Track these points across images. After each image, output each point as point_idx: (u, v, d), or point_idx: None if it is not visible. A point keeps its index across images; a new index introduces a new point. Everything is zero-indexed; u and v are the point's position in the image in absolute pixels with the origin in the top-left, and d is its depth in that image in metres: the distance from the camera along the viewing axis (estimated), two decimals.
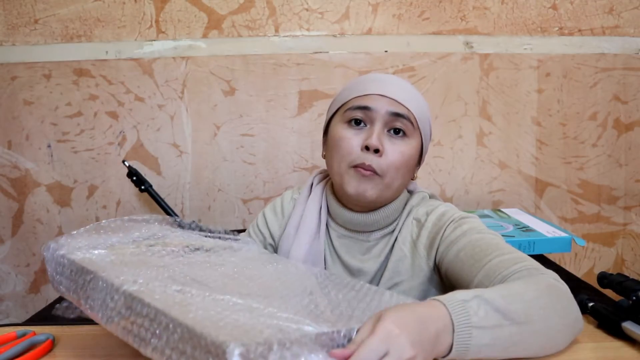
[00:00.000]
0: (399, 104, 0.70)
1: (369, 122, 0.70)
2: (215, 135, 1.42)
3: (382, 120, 0.70)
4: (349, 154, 0.70)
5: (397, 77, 0.77)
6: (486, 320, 0.49)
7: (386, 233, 0.76)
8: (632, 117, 1.43)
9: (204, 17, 1.37)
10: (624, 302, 0.57)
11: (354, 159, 0.69)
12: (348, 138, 0.70)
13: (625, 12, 1.39)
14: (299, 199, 0.84)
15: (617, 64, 1.41)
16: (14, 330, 0.58)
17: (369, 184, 0.69)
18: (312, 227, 0.78)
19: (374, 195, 0.70)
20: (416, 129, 0.72)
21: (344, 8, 1.38)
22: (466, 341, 0.48)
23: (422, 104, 0.75)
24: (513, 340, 0.50)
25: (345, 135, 0.71)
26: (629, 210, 1.46)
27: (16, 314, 1.47)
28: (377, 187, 0.70)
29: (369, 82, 0.73)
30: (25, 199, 1.43)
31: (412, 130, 0.71)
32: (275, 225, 0.84)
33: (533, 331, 0.51)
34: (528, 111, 1.42)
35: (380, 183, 0.70)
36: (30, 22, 1.37)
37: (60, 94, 1.39)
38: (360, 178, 0.69)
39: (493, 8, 1.38)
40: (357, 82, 0.76)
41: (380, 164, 0.69)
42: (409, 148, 0.71)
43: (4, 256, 1.45)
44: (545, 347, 0.53)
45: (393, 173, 0.70)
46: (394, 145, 0.70)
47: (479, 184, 1.44)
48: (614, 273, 0.64)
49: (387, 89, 0.71)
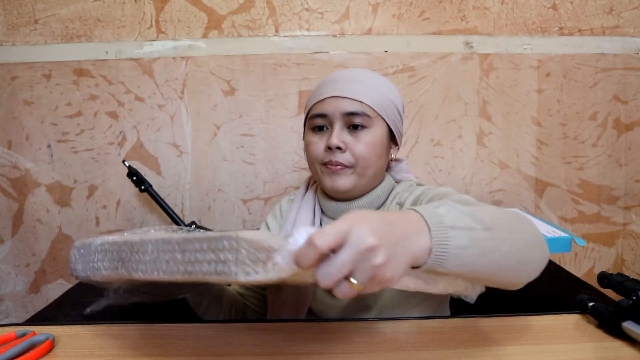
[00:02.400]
0: (353, 101, 0.75)
1: (329, 125, 0.78)
2: (215, 135, 1.42)
3: (340, 121, 0.76)
4: (318, 155, 0.78)
5: (357, 70, 0.82)
6: (458, 221, 0.47)
7: None
8: (632, 117, 1.43)
9: (204, 17, 1.37)
10: (624, 302, 0.57)
11: (321, 159, 0.77)
12: (314, 142, 0.78)
13: (625, 12, 1.39)
14: (295, 199, 0.89)
15: (617, 64, 1.41)
16: (14, 330, 0.58)
17: (341, 177, 0.76)
18: (308, 218, 0.84)
19: (348, 185, 0.76)
20: (377, 117, 0.77)
21: (344, 8, 1.38)
22: (444, 242, 0.45)
23: (382, 90, 0.79)
24: (489, 245, 0.48)
25: (312, 140, 0.79)
26: (629, 210, 1.46)
27: (16, 314, 1.47)
28: (350, 177, 0.76)
29: (325, 86, 0.79)
30: (25, 199, 1.43)
31: (371, 121, 0.76)
32: (275, 228, 0.90)
33: (503, 238, 0.50)
34: (528, 111, 1.42)
35: (353, 173, 0.76)
36: (30, 22, 1.37)
37: (60, 94, 1.39)
38: (331, 174, 0.76)
39: (493, 8, 1.38)
40: (317, 87, 0.82)
41: (347, 158, 0.75)
42: (372, 136, 0.76)
43: (4, 256, 1.45)
44: (521, 261, 0.51)
45: (363, 162, 0.76)
46: (355, 138, 0.76)
47: (479, 184, 1.44)
48: (614, 273, 0.64)
49: (340, 88, 0.77)
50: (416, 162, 1.41)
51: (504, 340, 0.55)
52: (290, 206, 0.89)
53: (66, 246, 1.44)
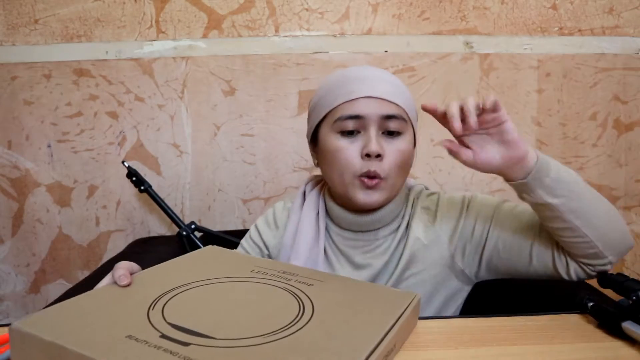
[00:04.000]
0: (389, 103, 0.69)
1: (362, 128, 0.69)
2: (215, 135, 1.42)
3: (376, 124, 0.68)
4: (351, 164, 0.68)
5: (379, 69, 0.74)
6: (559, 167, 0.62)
7: (393, 229, 0.76)
8: (632, 117, 1.43)
9: (204, 17, 1.37)
10: (624, 302, 0.57)
11: (357, 169, 0.68)
12: (345, 148, 0.68)
13: (625, 12, 1.39)
14: (292, 207, 0.82)
15: (617, 64, 1.41)
16: None
17: (376, 192, 0.69)
18: (310, 234, 0.77)
19: (381, 199, 0.70)
20: (409, 122, 0.72)
21: (344, 8, 1.38)
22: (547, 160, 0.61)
23: (408, 94, 0.74)
24: (583, 186, 0.62)
25: (342, 145, 0.69)
26: (629, 210, 1.46)
27: (16, 314, 1.47)
28: (384, 191, 0.69)
29: (352, 83, 0.70)
30: (25, 199, 1.43)
31: (405, 126, 0.71)
32: (269, 236, 0.82)
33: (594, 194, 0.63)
34: (528, 111, 1.42)
35: (386, 186, 0.69)
36: (30, 22, 1.37)
37: (60, 94, 1.39)
38: (366, 189, 0.68)
39: (493, 8, 1.38)
40: (340, 83, 0.71)
41: (384, 168, 0.68)
42: (406, 144, 0.71)
43: (4, 256, 1.45)
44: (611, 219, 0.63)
45: (396, 173, 0.70)
46: (391, 145, 0.69)
47: (479, 184, 1.44)
48: (614, 273, 0.64)
49: (373, 87, 0.69)
50: (416, 162, 1.41)
51: (504, 340, 0.56)
52: (289, 216, 0.82)
53: (66, 246, 1.44)
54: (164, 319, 0.47)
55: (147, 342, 0.42)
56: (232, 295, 0.55)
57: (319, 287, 0.57)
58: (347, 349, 0.43)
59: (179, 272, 0.61)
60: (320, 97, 0.74)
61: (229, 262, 0.66)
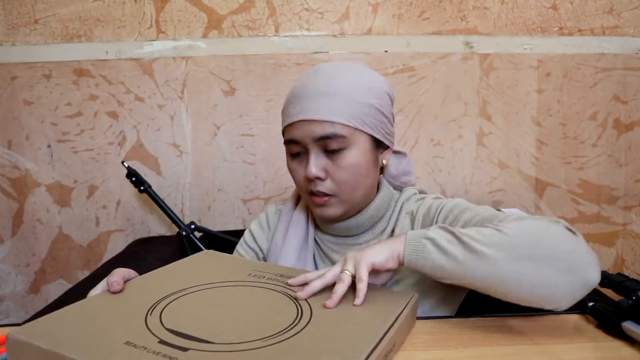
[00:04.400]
0: (323, 123, 0.65)
1: (304, 150, 0.69)
2: (215, 135, 1.42)
3: (314, 146, 0.67)
4: (300, 184, 0.71)
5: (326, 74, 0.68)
6: (438, 236, 0.56)
7: (377, 233, 0.75)
8: (632, 117, 1.43)
9: (204, 17, 1.37)
10: (624, 302, 0.57)
11: (304, 188, 0.71)
12: (295, 170, 0.71)
13: (625, 12, 1.39)
14: (283, 209, 0.82)
15: (617, 64, 1.41)
16: None
17: (328, 208, 0.70)
18: (299, 235, 0.77)
19: (337, 213, 0.71)
20: (354, 132, 0.67)
21: (344, 8, 1.38)
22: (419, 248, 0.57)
23: (357, 97, 0.66)
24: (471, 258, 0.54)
25: (292, 167, 0.72)
26: (629, 210, 1.46)
27: (16, 314, 1.47)
28: (338, 205, 0.70)
29: (292, 105, 0.69)
30: (25, 199, 1.43)
31: (348, 140, 0.66)
32: (262, 238, 0.83)
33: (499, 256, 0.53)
34: (528, 111, 1.42)
35: (338, 201, 0.70)
36: (30, 22, 1.37)
37: (60, 94, 1.39)
38: (318, 205, 0.70)
39: (493, 8, 1.38)
40: (286, 103, 0.71)
41: (329, 187, 0.68)
42: (352, 157, 0.67)
43: (4, 256, 1.45)
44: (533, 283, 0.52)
45: (347, 188, 0.68)
46: (335, 163, 0.67)
47: (479, 184, 1.44)
48: (614, 273, 0.64)
49: (307, 108, 0.66)
50: (416, 162, 1.41)
51: (504, 340, 0.56)
52: (279, 218, 0.82)
53: (66, 246, 1.44)
54: (162, 325, 0.47)
55: (145, 348, 0.42)
56: (230, 299, 0.55)
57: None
58: (347, 350, 0.43)
59: (175, 277, 0.61)
60: (282, 111, 0.74)
61: (225, 266, 0.66)
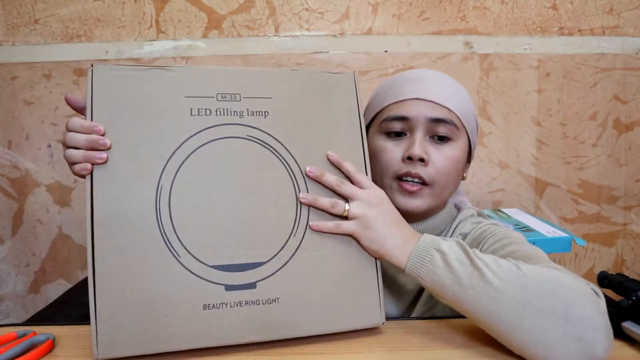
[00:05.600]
0: (440, 107, 0.65)
1: (408, 131, 0.65)
2: None
3: (423, 127, 0.64)
4: (392, 166, 0.65)
5: (435, 72, 0.70)
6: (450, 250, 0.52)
7: None
8: (632, 117, 1.43)
9: (204, 17, 1.37)
10: (624, 302, 0.57)
11: (396, 170, 0.65)
12: (388, 149, 0.65)
13: (625, 12, 1.39)
14: None
15: (617, 64, 1.41)
16: (14, 330, 0.58)
17: (417, 199, 0.65)
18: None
19: (423, 207, 0.65)
20: (462, 128, 0.67)
21: (344, 8, 1.38)
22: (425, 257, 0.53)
23: (465, 98, 0.69)
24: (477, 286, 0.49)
25: (385, 146, 0.66)
26: (629, 210, 1.46)
27: (16, 314, 1.47)
28: (428, 198, 0.65)
29: (403, 84, 0.67)
30: (25, 199, 1.43)
31: (457, 133, 0.66)
32: None
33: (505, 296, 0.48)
34: (528, 111, 1.42)
35: (431, 194, 0.65)
36: (30, 22, 1.36)
37: (60, 94, 1.39)
38: (407, 195, 0.64)
39: (493, 8, 1.38)
40: (390, 85, 0.69)
41: (429, 173, 0.64)
42: (456, 151, 0.66)
43: (4, 256, 1.45)
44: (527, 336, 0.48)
45: (443, 181, 0.65)
46: (439, 151, 0.65)
47: (479, 184, 1.44)
48: (613, 273, 0.64)
49: (424, 90, 0.65)
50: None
51: None
52: None
53: (66, 246, 1.44)
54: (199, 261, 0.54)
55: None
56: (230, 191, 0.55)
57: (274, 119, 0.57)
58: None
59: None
60: (372, 98, 0.73)
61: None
